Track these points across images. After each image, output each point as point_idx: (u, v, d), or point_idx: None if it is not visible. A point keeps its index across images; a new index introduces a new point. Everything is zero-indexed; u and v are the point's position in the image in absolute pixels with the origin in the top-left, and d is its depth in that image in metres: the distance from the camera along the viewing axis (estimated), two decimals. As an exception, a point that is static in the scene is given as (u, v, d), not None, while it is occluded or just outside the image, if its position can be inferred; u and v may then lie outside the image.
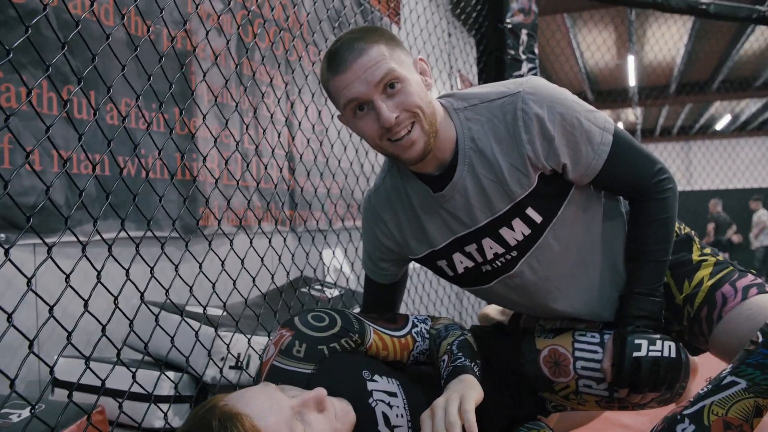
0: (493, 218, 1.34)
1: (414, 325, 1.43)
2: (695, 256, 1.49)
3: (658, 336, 1.30)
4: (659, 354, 1.28)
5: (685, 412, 1.13)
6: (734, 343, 1.31)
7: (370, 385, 1.24)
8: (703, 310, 1.40)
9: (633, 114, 7.40)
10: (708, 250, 1.51)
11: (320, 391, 1.04)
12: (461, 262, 1.43)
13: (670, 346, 1.29)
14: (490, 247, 1.37)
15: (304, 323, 1.25)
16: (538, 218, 1.34)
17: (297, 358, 1.21)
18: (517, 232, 1.34)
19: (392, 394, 1.26)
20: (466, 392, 1.13)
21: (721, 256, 1.50)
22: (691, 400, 1.14)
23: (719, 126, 16.26)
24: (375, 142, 1.27)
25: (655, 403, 1.38)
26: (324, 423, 1.03)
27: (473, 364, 1.26)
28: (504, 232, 1.35)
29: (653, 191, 1.36)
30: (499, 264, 1.40)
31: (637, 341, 1.29)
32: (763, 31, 9.13)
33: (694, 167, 15.51)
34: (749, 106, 14.59)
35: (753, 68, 11.53)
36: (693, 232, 1.56)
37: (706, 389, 1.13)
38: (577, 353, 1.39)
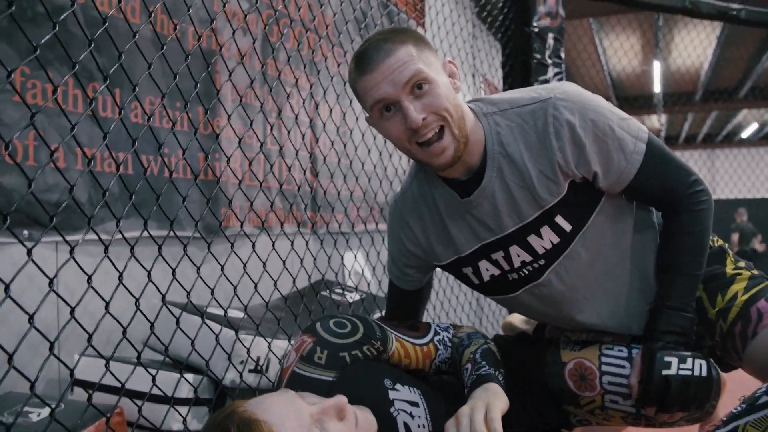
0: (522, 225, 1.31)
1: (436, 333, 1.40)
2: (729, 269, 1.44)
3: (689, 354, 1.26)
4: (690, 373, 1.24)
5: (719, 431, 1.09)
6: None
7: (392, 394, 1.22)
8: (736, 325, 1.36)
9: (657, 121, 7.31)
10: (742, 264, 1.47)
11: (341, 399, 1.01)
12: (487, 269, 1.40)
13: (701, 365, 1.25)
14: (518, 254, 1.35)
15: (326, 329, 1.23)
16: (567, 227, 1.31)
17: (318, 365, 1.19)
18: (545, 240, 1.31)
19: (414, 404, 1.24)
20: (492, 401, 1.11)
21: (756, 270, 1.45)
22: (724, 419, 1.10)
23: (745, 134, 16.03)
24: (403, 144, 1.25)
25: (683, 421, 1.34)
26: (344, 431, 1.00)
27: (497, 372, 1.24)
28: (532, 239, 1.32)
29: (687, 202, 1.33)
30: (526, 272, 1.37)
31: (667, 359, 1.25)
32: (794, 38, 8.99)
33: (720, 176, 15.32)
34: (777, 115, 14.37)
35: (782, 75, 11.35)
36: (726, 245, 1.52)
37: (740, 408, 1.09)
38: (604, 367, 1.35)
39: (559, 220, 1.30)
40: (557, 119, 1.23)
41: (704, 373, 1.25)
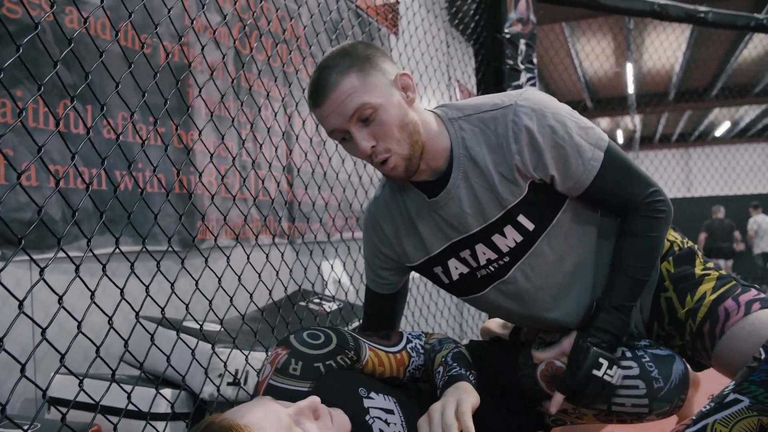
0: (486, 225, 1.36)
1: (408, 341, 1.43)
2: (698, 270, 1.47)
3: (617, 359, 1.31)
4: (611, 380, 1.29)
5: (688, 430, 1.11)
6: (737, 359, 1.29)
7: (367, 402, 1.24)
8: (705, 324, 1.38)
9: (631, 121, 7.40)
10: (711, 264, 1.50)
11: (314, 398, 1.03)
12: (456, 268, 1.44)
13: (619, 375, 1.30)
14: (483, 252, 1.39)
15: (300, 341, 1.25)
16: (530, 225, 1.35)
17: (293, 377, 1.20)
18: (509, 239, 1.36)
19: (389, 411, 1.25)
20: (463, 397, 1.15)
21: (724, 271, 1.48)
22: (694, 418, 1.13)
23: (718, 132, 16.28)
24: (368, 162, 1.32)
25: (654, 416, 1.36)
26: (321, 430, 1.02)
27: (468, 373, 1.27)
28: (496, 239, 1.37)
29: (645, 209, 1.36)
30: (492, 269, 1.41)
31: (601, 360, 1.29)
32: (762, 38, 9.15)
33: (694, 174, 15.55)
34: (748, 113, 14.61)
35: (752, 75, 11.56)
36: (695, 246, 1.55)
37: (708, 407, 1.12)
38: None
39: (522, 219, 1.34)
40: (516, 124, 1.28)
41: (616, 382, 1.30)
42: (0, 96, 1.82)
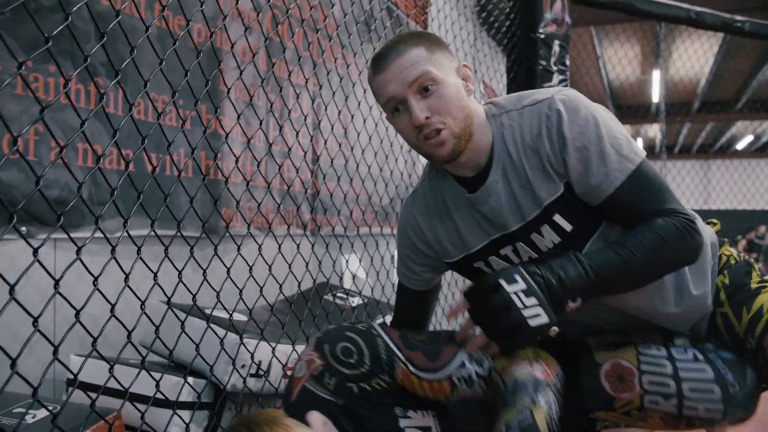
0: (524, 224, 1.32)
1: (461, 366, 1.25)
2: (754, 283, 1.40)
3: (541, 298, 1.14)
4: (521, 307, 1.12)
5: None
6: None
7: (403, 423, 1.21)
8: (765, 338, 1.29)
9: (658, 130, 7.31)
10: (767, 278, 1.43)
11: None
12: (498, 264, 1.40)
13: (539, 315, 1.13)
14: (525, 251, 1.35)
15: (333, 356, 1.23)
16: (567, 226, 1.30)
17: (327, 389, 1.21)
18: (546, 239, 1.31)
19: (426, 429, 1.22)
20: None
21: None
22: None
23: (740, 146, 16.12)
24: (411, 140, 1.30)
25: (727, 423, 1.30)
26: None
27: None
28: (535, 237, 1.33)
29: (672, 215, 1.23)
30: None
31: (517, 276, 1.16)
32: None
33: (712, 186, 15.40)
34: (772, 128, 14.45)
35: (779, 89, 11.41)
36: (752, 260, 1.48)
37: None
38: (644, 367, 1.32)
39: (558, 219, 1.29)
40: (549, 118, 1.25)
41: (536, 323, 1.12)
42: (32, 71, 1.79)
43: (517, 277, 1.16)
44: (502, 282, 1.15)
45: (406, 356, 1.26)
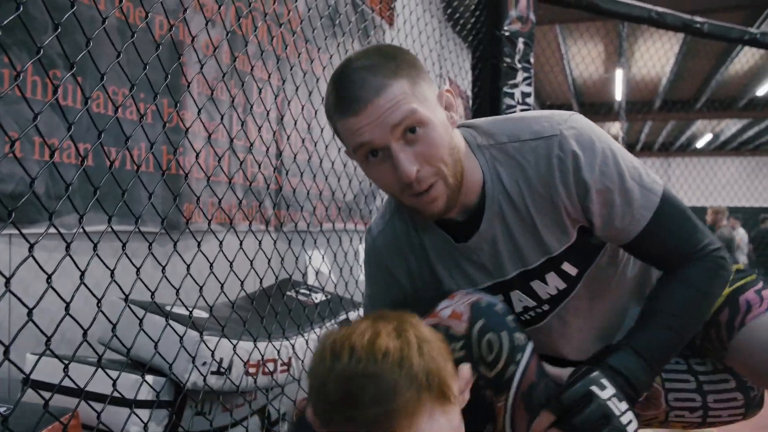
0: (524, 270, 1.18)
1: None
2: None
3: (629, 400, 1.05)
4: (618, 413, 1.01)
5: None
6: (757, 354, 1.19)
7: None
8: (722, 313, 1.25)
9: (619, 128, 7.43)
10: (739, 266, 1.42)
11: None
12: None
13: (632, 421, 1.03)
14: (519, 300, 1.22)
15: (477, 339, 1.07)
16: (573, 271, 1.18)
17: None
18: (550, 286, 1.19)
19: None
20: None
21: (741, 265, 1.42)
22: None
23: (699, 144, 16.45)
24: (392, 191, 1.10)
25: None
26: None
27: None
28: (536, 285, 1.20)
29: (702, 258, 1.14)
30: (528, 318, 1.25)
31: (604, 382, 1.04)
32: (749, 53, 9.23)
33: (672, 183, 15.70)
34: (729, 126, 14.77)
35: (737, 88, 11.66)
36: None
37: None
38: (668, 384, 1.29)
39: (566, 266, 1.18)
40: (563, 162, 1.08)
41: (630, 430, 1.02)
42: (-13, 61, 1.74)
43: (605, 382, 1.03)
44: (595, 390, 1.03)
45: (516, 398, 1.12)
